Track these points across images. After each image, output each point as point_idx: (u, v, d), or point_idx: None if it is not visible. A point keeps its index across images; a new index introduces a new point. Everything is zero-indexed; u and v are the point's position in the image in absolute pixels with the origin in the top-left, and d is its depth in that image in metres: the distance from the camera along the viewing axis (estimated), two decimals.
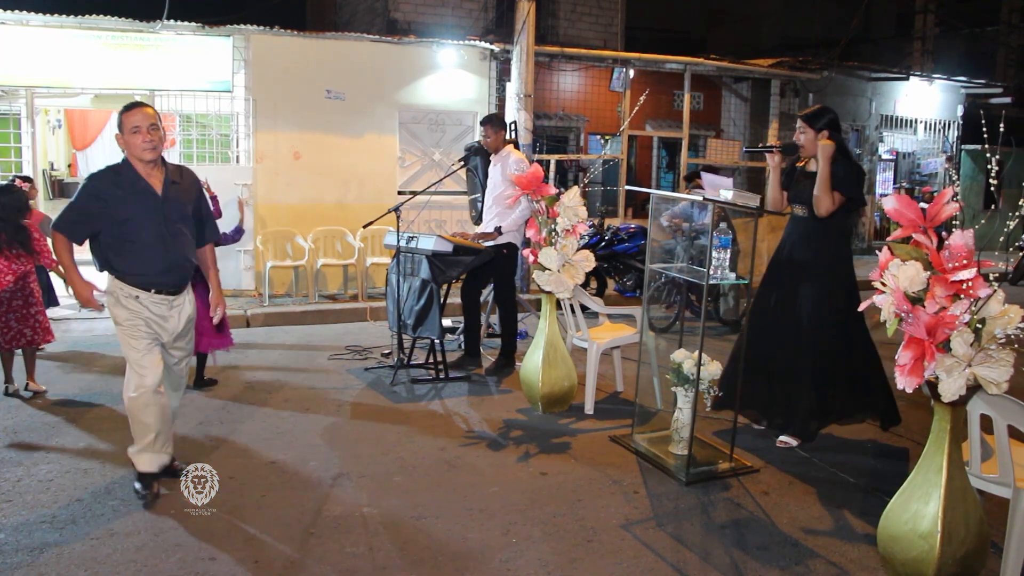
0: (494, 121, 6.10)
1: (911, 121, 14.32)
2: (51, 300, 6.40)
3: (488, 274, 6.15)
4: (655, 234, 4.87)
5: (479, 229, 6.21)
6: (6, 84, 8.20)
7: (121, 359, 6.23)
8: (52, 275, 6.31)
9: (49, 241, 5.90)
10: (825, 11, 12.83)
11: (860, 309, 3.03)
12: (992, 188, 3.04)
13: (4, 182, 6.93)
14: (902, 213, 2.79)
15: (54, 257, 5.23)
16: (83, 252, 3.67)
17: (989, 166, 3.08)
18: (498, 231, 5.91)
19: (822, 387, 4.38)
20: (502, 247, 5.94)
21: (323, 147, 9.07)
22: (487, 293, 6.95)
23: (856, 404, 4.49)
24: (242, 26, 8.67)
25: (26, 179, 6.39)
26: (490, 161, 6.24)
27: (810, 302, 4.35)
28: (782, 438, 4.54)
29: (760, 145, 4.64)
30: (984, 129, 3.57)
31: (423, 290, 5.69)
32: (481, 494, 3.84)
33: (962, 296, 2.67)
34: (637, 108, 10.54)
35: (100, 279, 3.73)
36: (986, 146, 14.30)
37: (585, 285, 6.76)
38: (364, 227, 6.73)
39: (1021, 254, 10.87)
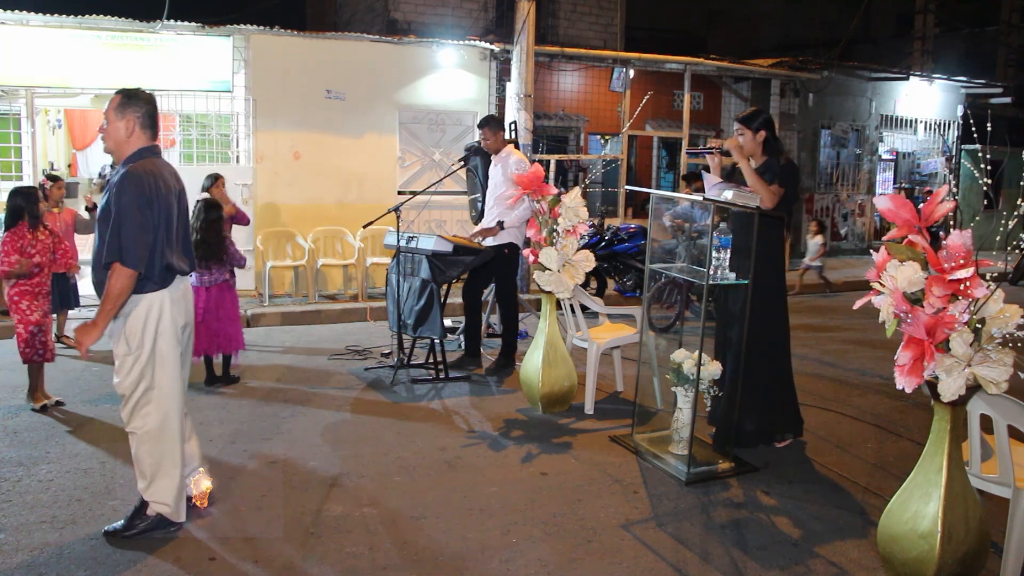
0: (492, 123, 6.09)
1: (911, 121, 14.33)
2: (73, 301, 6.38)
3: (490, 274, 6.15)
4: (655, 234, 4.87)
5: (480, 226, 6.21)
6: (6, 84, 8.20)
7: None
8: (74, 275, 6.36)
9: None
10: (825, 11, 12.86)
11: (855, 307, 3.03)
12: (985, 188, 3.04)
13: (18, 184, 6.92)
14: (896, 213, 2.79)
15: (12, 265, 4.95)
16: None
17: (982, 165, 3.08)
18: (500, 225, 5.90)
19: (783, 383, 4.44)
20: (503, 247, 5.94)
21: (323, 147, 9.07)
22: (488, 293, 6.95)
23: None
24: (242, 26, 8.67)
25: (52, 178, 6.37)
26: (490, 161, 6.24)
27: (745, 299, 4.34)
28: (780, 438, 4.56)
29: (701, 147, 4.72)
30: (974, 130, 3.57)
31: (423, 290, 5.69)
32: (481, 494, 3.84)
33: (960, 296, 2.67)
34: (639, 110, 10.54)
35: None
36: (977, 146, 14.33)
37: (585, 285, 6.76)
38: (364, 227, 6.73)
39: (1021, 254, 10.86)
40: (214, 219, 5.42)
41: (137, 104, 3.26)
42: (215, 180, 6.28)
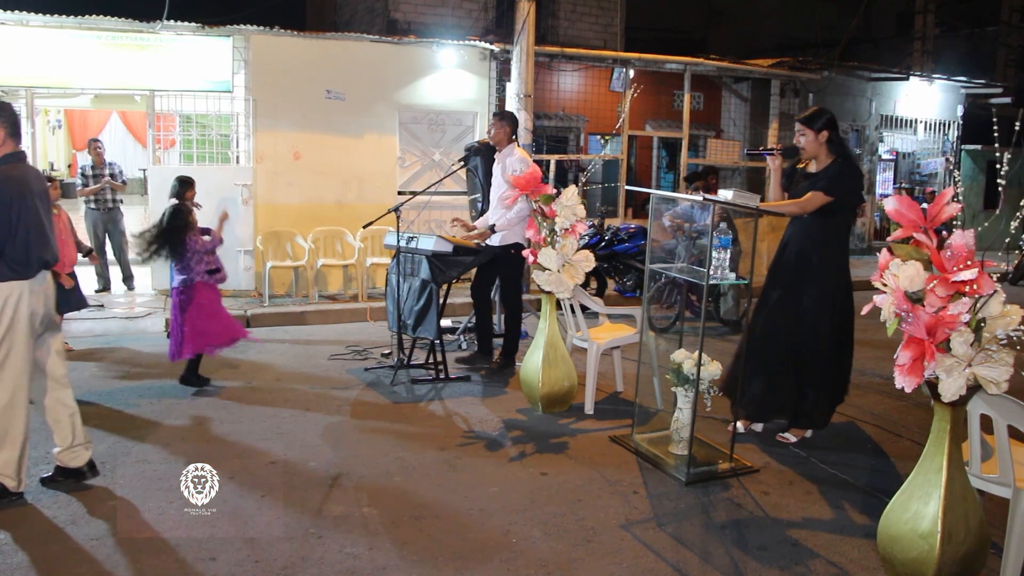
0: (507, 117, 6.07)
1: (911, 121, 14.32)
2: (80, 302, 6.33)
3: (497, 273, 6.13)
4: (655, 234, 4.87)
5: (478, 225, 6.20)
6: (6, 84, 8.20)
7: (122, 358, 6.26)
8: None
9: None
10: (825, 11, 12.84)
11: (863, 313, 3.03)
12: (1000, 188, 3.05)
13: None
14: (903, 214, 2.79)
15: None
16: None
17: (999, 166, 3.09)
18: (491, 229, 5.90)
19: (822, 383, 4.46)
20: (509, 247, 5.93)
21: (323, 147, 9.06)
22: (493, 292, 6.93)
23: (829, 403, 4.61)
24: (242, 26, 8.66)
25: (48, 179, 6.37)
26: (491, 160, 6.23)
27: (811, 301, 4.37)
28: (783, 433, 4.57)
29: (761, 148, 4.68)
30: (995, 131, 3.58)
31: (423, 290, 5.69)
32: (481, 494, 3.84)
33: (964, 295, 2.67)
34: (629, 103, 10.51)
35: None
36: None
37: (585, 285, 6.75)
38: (364, 227, 6.73)
39: (1021, 254, 10.85)
40: (178, 227, 5.35)
41: (4, 115, 3.56)
42: (191, 186, 6.25)
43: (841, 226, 4.42)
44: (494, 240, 5.96)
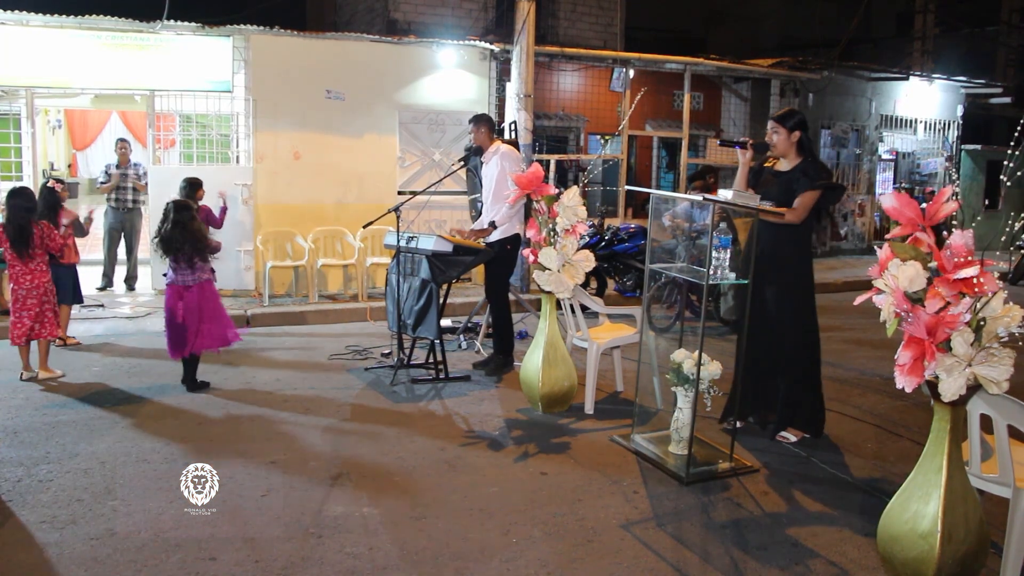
0: (480, 120, 6.06)
1: (911, 121, 14.33)
2: (76, 297, 6.64)
3: (506, 269, 6.12)
4: (655, 234, 4.87)
5: (474, 226, 6.20)
6: (6, 84, 8.21)
7: (121, 359, 6.26)
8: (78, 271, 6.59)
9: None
10: (825, 11, 12.85)
11: (856, 303, 3.04)
12: (1008, 185, 3.05)
13: (17, 184, 7.06)
14: (901, 212, 2.79)
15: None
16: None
17: (1007, 163, 3.09)
18: (492, 225, 5.89)
19: (794, 381, 4.49)
20: (506, 242, 5.92)
21: (323, 147, 9.06)
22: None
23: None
24: (242, 26, 8.67)
25: (59, 180, 6.48)
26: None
27: (781, 298, 4.41)
28: (782, 433, 4.57)
29: (734, 139, 4.68)
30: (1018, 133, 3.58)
31: (423, 290, 5.69)
32: (481, 494, 3.84)
33: (967, 294, 2.66)
34: (633, 107, 10.52)
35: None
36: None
37: (585, 285, 6.76)
38: (364, 227, 6.73)
39: (1022, 254, 10.85)
40: (186, 219, 5.31)
41: None
42: (199, 187, 6.48)
43: (805, 224, 4.41)
44: (483, 237, 5.97)
